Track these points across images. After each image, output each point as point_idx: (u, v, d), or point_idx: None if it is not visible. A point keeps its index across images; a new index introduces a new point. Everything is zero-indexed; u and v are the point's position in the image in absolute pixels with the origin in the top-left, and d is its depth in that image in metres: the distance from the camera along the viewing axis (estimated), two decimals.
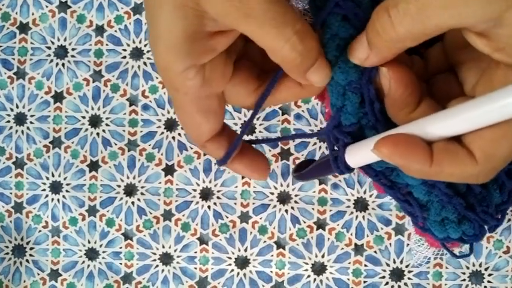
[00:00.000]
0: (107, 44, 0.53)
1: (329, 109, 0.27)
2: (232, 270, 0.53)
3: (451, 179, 0.22)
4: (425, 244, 0.38)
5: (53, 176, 0.54)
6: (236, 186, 0.53)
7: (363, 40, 0.23)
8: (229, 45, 0.24)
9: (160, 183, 0.53)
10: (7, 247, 0.54)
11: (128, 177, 0.53)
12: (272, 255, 0.52)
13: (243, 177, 0.52)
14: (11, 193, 0.54)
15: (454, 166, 0.21)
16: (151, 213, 0.53)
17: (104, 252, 0.54)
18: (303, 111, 0.52)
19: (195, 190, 0.53)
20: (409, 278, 0.52)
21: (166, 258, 0.53)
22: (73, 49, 0.54)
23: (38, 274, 0.54)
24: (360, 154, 0.25)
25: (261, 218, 0.52)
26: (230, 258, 0.53)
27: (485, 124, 0.20)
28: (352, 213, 0.52)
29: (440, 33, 0.20)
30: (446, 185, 0.25)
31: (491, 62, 0.21)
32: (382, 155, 0.22)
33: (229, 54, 0.25)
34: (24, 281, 0.54)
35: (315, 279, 0.52)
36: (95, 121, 0.53)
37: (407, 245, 0.52)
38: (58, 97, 0.54)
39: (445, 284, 0.51)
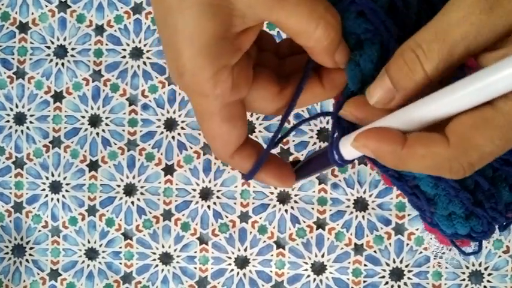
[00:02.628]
0: (106, 44, 0.53)
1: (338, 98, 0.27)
2: (232, 270, 0.53)
3: (424, 164, 0.22)
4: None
5: (52, 175, 0.54)
6: (236, 186, 0.53)
7: (385, 82, 0.23)
8: (249, 47, 0.24)
9: (160, 183, 0.53)
10: (7, 247, 0.54)
11: (127, 177, 0.53)
12: (272, 255, 0.52)
13: (243, 177, 0.52)
14: (10, 193, 0.54)
15: (425, 148, 0.21)
16: (151, 213, 0.53)
17: (103, 252, 0.54)
18: (302, 111, 0.52)
19: (194, 190, 0.53)
20: (408, 278, 0.52)
21: (166, 258, 0.53)
22: (73, 49, 0.54)
23: (38, 274, 0.54)
24: (350, 146, 0.25)
25: (260, 218, 0.52)
26: (230, 258, 0.53)
27: (462, 107, 0.20)
28: (352, 213, 0.52)
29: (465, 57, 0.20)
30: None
31: None
32: (358, 146, 0.23)
33: (248, 58, 0.25)
34: (24, 281, 0.54)
35: (314, 279, 0.52)
36: (94, 121, 0.53)
37: (407, 244, 0.52)
38: (58, 97, 0.54)
39: (445, 284, 0.51)
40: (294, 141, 0.52)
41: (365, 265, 0.52)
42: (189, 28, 0.21)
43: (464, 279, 0.51)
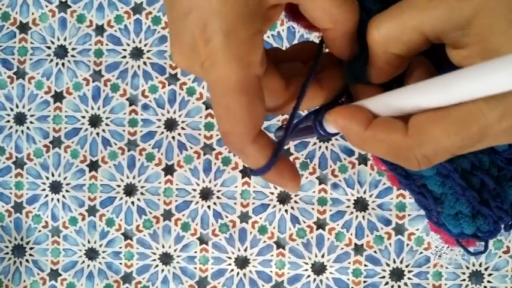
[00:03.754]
0: (106, 44, 0.53)
1: None
2: (232, 270, 0.53)
3: (382, 148, 0.22)
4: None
5: (52, 175, 0.54)
6: (236, 186, 0.53)
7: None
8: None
9: (160, 183, 0.53)
10: (7, 247, 0.54)
11: (127, 177, 0.53)
12: (272, 255, 0.52)
13: (242, 177, 0.52)
14: (10, 193, 0.54)
15: (384, 133, 0.22)
16: (151, 213, 0.53)
17: (103, 252, 0.54)
18: (302, 111, 0.52)
19: (194, 190, 0.53)
20: (409, 278, 0.52)
21: (166, 258, 0.53)
22: (73, 49, 0.54)
23: (38, 274, 0.54)
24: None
25: (260, 218, 0.52)
26: (230, 258, 0.53)
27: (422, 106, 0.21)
28: (352, 213, 0.52)
29: (423, 42, 0.21)
30: (460, 176, 0.26)
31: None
32: (329, 120, 0.24)
33: None
34: (24, 281, 0.54)
35: (314, 279, 0.52)
36: (94, 121, 0.53)
37: (407, 244, 0.52)
38: (58, 97, 0.54)
39: (445, 284, 0.51)
40: (294, 141, 0.52)
41: (365, 265, 0.52)
42: None
43: (464, 280, 0.51)
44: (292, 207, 0.52)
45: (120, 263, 0.53)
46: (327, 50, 0.26)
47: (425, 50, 0.22)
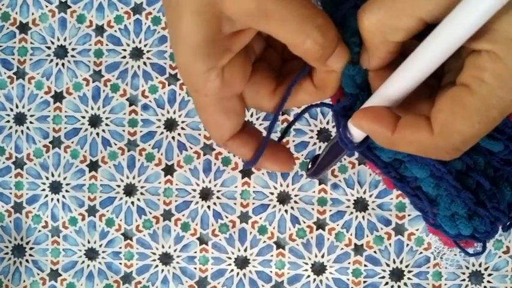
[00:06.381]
0: (106, 44, 0.53)
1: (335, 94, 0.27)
2: (232, 270, 0.53)
3: (411, 149, 0.23)
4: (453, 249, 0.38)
5: (52, 176, 0.54)
6: (236, 186, 0.53)
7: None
8: (246, 45, 0.24)
9: (160, 183, 0.53)
10: (7, 247, 0.54)
11: (127, 177, 0.53)
12: (272, 255, 0.52)
13: (242, 177, 0.52)
14: (10, 193, 0.54)
15: (412, 135, 0.22)
16: (151, 213, 0.53)
17: (103, 252, 0.54)
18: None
19: (194, 190, 0.53)
20: (408, 278, 0.52)
21: (166, 258, 0.53)
22: (73, 49, 0.54)
23: (38, 274, 0.54)
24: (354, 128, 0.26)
25: (260, 218, 0.52)
26: (230, 258, 0.53)
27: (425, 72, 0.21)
28: (352, 213, 0.52)
29: (418, 25, 0.21)
30: (455, 178, 0.26)
31: (471, 52, 0.21)
32: (356, 125, 0.24)
33: (247, 55, 0.25)
34: (24, 281, 0.54)
35: (314, 279, 0.52)
36: (94, 121, 0.53)
37: (407, 245, 0.52)
38: (58, 97, 0.54)
39: (445, 284, 0.51)
40: (294, 141, 0.52)
41: (365, 265, 0.52)
42: (183, 29, 0.22)
43: (464, 280, 0.51)
44: (292, 208, 0.52)
45: (120, 263, 0.53)
46: None
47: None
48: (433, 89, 0.24)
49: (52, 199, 0.54)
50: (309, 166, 0.32)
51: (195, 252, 0.53)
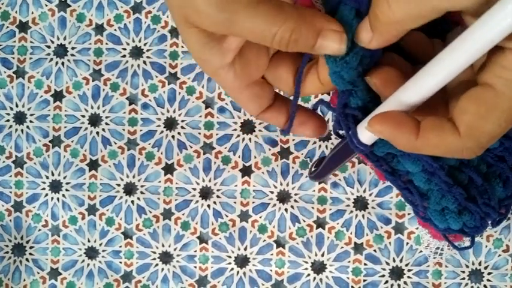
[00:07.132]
0: (106, 43, 0.53)
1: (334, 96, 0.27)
2: (232, 269, 0.53)
3: (437, 152, 0.23)
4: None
5: (52, 175, 0.54)
6: (236, 185, 0.53)
7: (367, 23, 0.23)
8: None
9: (160, 182, 0.53)
10: (7, 246, 0.54)
11: (127, 176, 0.53)
12: (272, 254, 0.52)
13: (242, 176, 0.52)
14: (10, 192, 0.54)
15: (438, 138, 0.22)
16: (151, 212, 0.53)
17: (103, 251, 0.54)
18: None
19: (194, 189, 0.53)
20: (408, 277, 0.52)
21: (166, 257, 0.53)
22: (73, 48, 0.54)
23: (38, 273, 0.54)
24: (366, 131, 0.25)
25: (260, 217, 0.52)
26: (230, 257, 0.53)
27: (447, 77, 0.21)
28: (351, 212, 0.52)
29: (439, 15, 0.20)
30: (446, 173, 0.26)
31: (493, 50, 0.21)
32: (374, 131, 0.23)
33: (260, 45, 0.26)
34: (24, 280, 0.54)
35: (314, 278, 0.52)
36: (94, 120, 0.53)
37: (407, 243, 0.52)
38: (58, 96, 0.54)
39: (445, 283, 0.51)
40: (293, 140, 0.52)
41: (365, 264, 0.52)
42: (183, 36, 0.24)
43: (464, 278, 0.51)
44: (292, 206, 0.52)
45: (120, 262, 0.53)
46: None
47: None
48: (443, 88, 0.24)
49: (52, 198, 0.54)
50: (313, 169, 0.32)
51: (195, 251, 0.53)
